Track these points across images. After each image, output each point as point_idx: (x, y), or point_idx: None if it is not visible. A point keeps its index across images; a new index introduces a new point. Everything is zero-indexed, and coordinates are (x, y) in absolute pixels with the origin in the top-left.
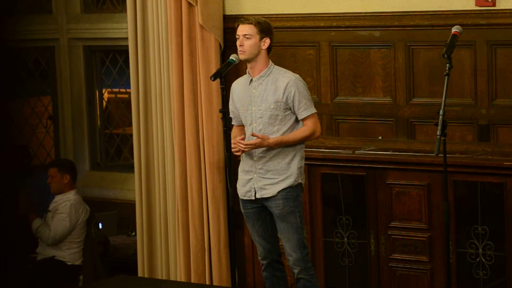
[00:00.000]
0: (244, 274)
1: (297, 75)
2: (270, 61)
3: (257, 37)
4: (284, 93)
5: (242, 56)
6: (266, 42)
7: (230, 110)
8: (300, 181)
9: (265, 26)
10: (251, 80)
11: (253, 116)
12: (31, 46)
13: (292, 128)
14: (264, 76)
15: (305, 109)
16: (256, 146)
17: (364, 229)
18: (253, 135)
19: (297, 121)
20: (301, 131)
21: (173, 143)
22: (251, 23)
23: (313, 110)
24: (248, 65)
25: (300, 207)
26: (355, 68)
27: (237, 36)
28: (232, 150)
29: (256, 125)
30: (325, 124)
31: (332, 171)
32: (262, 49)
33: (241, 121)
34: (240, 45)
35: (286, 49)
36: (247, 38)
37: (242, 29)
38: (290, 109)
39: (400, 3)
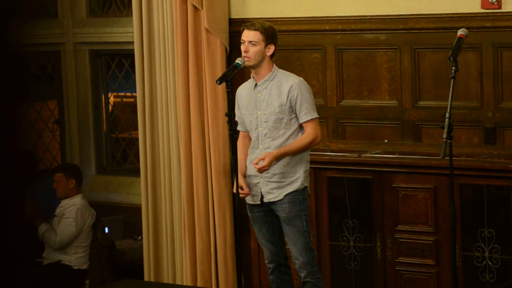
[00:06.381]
0: (250, 278)
1: (301, 79)
2: (274, 64)
3: (263, 44)
4: (287, 96)
5: (247, 63)
6: (271, 49)
7: (236, 116)
8: (306, 184)
9: (271, 32)
10: (256, 84)
11: (258, 120)
12: (37, 50)
13: (297, 131)
14: (268, 80)
15: (306, 114)
16: (265, 166)
17: (370, 232)
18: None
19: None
20: (302, 138)
21: (179, 147)
22: (258, 30)
23: (314, 115)
24: (252, 71)
25: (307, 210)
26: (361, 71)
27: (242, 41)
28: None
29: (261, 130)
30: (331, 127)
31: (338, 174)
32: (266, 55)
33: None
34: (245, 51)
35: (292, 52)
36: (252, 44)
37: (248, 35)
38: (295, 112)
39: (406, 6)
